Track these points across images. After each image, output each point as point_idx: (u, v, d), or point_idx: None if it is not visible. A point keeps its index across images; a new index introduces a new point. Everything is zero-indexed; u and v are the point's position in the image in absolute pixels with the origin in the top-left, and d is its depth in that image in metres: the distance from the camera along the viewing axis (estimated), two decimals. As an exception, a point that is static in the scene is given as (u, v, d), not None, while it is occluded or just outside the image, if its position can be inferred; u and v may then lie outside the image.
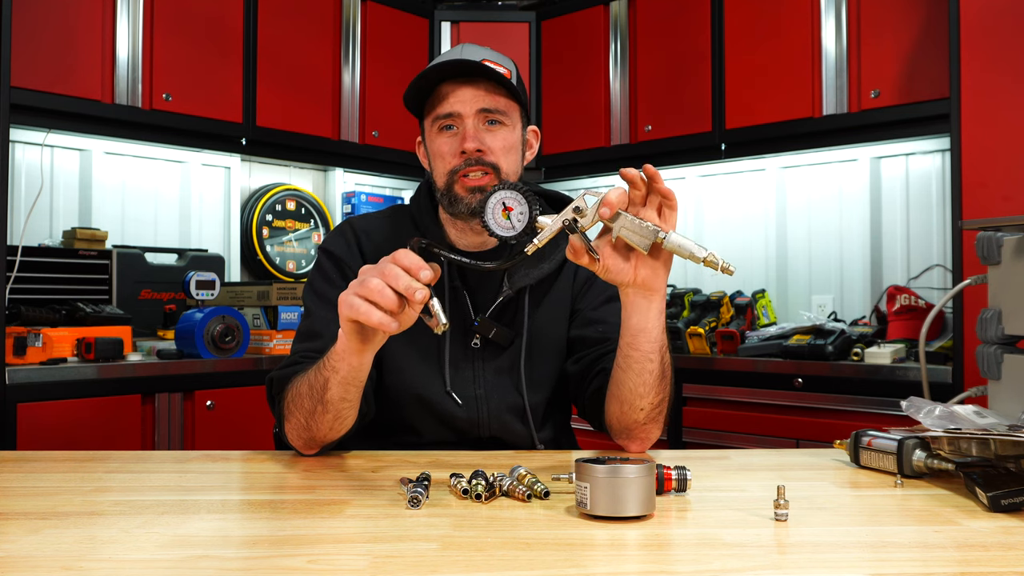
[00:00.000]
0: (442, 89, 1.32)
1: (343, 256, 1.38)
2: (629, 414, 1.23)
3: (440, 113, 1.32)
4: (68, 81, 2.59)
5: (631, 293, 1.12)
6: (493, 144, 1.31)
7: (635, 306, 1.13)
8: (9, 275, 2.47)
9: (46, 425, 2.28)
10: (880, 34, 2.75)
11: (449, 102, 1.31)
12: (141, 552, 0.79)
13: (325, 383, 1.13)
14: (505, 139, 1.33)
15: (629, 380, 1.20)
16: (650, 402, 1.21)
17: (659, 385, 1.20)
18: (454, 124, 1.32)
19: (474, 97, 1.31)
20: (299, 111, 3.20)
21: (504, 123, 1.33)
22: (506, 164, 1.32)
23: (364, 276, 1.00)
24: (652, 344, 1.16)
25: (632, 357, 1.17)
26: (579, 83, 3.55)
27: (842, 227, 3.17)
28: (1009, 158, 2.19)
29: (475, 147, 1.29)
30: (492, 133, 1.32)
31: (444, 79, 1.32)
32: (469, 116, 1.31)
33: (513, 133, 1.34)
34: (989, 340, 1.59)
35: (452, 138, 1.32)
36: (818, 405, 2.60)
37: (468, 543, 0.82)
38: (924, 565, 0.76)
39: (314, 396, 1.15)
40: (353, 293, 1.00)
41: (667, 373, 1.21)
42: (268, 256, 3.40)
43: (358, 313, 0.99)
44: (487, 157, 1.30)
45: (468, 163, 1.30)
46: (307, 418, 1.19)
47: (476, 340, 1.36)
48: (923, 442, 1.10)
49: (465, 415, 1.35)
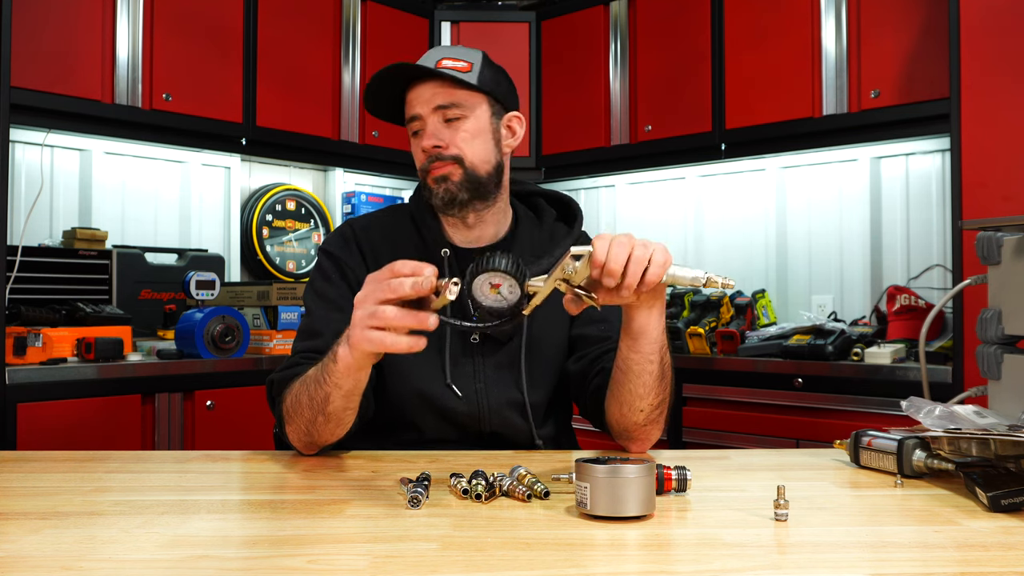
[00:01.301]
0: (408, 95, 1.39)
1: (342, 256, 1.40)
2: (629, 416, 1.24)
3: (407, 117, 1.40)
4: (68, 81, 2.59)
5: (634, 304, 1.13)
6: (453, 138, 1.35)
7: (637, 311, 1.14)
8: (9, 275, 2.46)
9: (46, 425, 2.28)
10: (880, 34, 2.75)
11: (410, 104, 1.38)
12: (141, 552, 0.79)
13: (326, 398, 1.13)
14: (466, 129, 1.36)
15: (629, 382, 1.20)
16: (650, 404, 1.21)
17: (658, 387, 1.20)
18: (419, 127, 1.38)
19: (432, 95, 1.36)
20: (299, 111, 3.20)
21: (463, 115, 1.36)
22: (471, 152, 1.36)
23: (369, 305, 0.99)
24: (652, 345, 1.16)
25: (632, 359, 1.18)
26: (579, 83, 3.55)
27: (842, 227, 3.17)
28: (1009, 158, 2.19)
29: (431, 144, 1.35)
30: (452, 128, 1.36)
31: (409, 85, 1.38)
32: (427, 115, 1.36)
33: (476, 123, 1.37)
34: (989, 340, 1.59)
35: (419, 139, 1.38)
36: (818, 405, 2.60)
37: (468, 543, 0.82)
38: (924, 565, 0.76)
39: (314, 408, 1.16)
40: (369, 327, 0.99)
41: (667, 374, 1.21)
42: (268, 256, 3.40)
43: (384, 346, 0.99)
44: (447, 151, 1.35)
45: (431, 160, 1.36)
46: (308, 425, 1.20)
47: (475, 335, 1.37)
48: (923, 442, 1.10)
49: (466, 409, 1.35)
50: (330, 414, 1.16)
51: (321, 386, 1.14)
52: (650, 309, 1.13)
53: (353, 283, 1.37)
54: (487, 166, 1.38)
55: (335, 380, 1.11)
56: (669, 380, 1.22)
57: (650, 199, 3.67)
